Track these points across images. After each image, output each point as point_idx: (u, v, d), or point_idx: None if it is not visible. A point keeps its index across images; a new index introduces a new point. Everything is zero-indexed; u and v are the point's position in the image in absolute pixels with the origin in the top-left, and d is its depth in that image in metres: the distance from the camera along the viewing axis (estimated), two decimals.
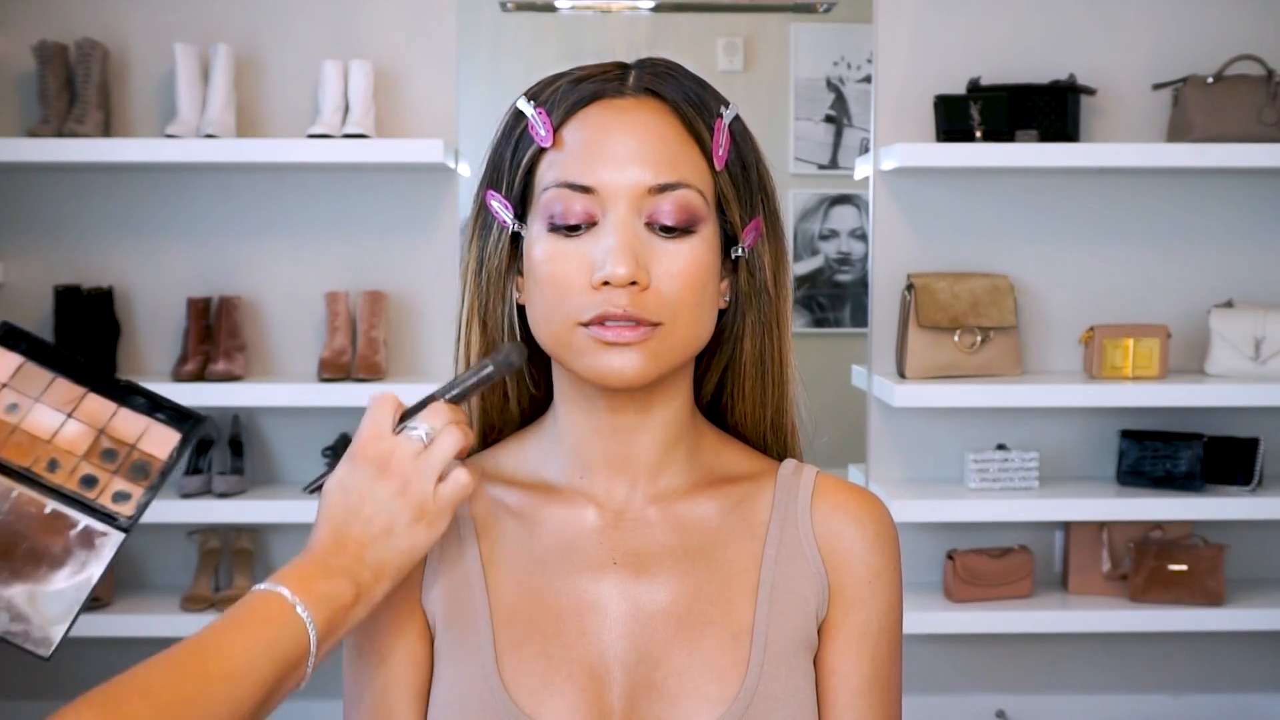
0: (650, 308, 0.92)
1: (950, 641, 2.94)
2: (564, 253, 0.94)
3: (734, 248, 0.98)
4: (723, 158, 0.96)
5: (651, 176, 0.93)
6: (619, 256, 0.91)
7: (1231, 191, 2.86)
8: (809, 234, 3.18)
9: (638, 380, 0.93)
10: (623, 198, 0.92)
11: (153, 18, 2.79)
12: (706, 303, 0.96)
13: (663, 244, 0.93)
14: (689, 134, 0.95)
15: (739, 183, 0.97)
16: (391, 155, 2.64)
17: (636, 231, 0.93)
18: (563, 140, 0.95)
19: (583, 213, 0.93)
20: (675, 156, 0.94)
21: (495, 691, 0.95)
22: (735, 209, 0.97)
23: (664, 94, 0.96)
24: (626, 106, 0.95)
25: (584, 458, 1.00)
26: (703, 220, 0.94)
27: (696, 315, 0.95)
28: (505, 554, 1.00)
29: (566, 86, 0.97)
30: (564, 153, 0.95)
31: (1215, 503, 2.69)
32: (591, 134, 0.94)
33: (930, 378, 2.70)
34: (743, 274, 0.99)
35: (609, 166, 0.93)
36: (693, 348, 0.96)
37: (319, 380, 2.72)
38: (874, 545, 1.01)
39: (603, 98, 0.96)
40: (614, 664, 0.96)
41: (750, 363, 1.01)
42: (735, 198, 0.97)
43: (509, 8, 3.17)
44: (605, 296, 0.91)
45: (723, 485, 1.02)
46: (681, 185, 0.93)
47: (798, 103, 3.16)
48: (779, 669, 0.96)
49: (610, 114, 0.95)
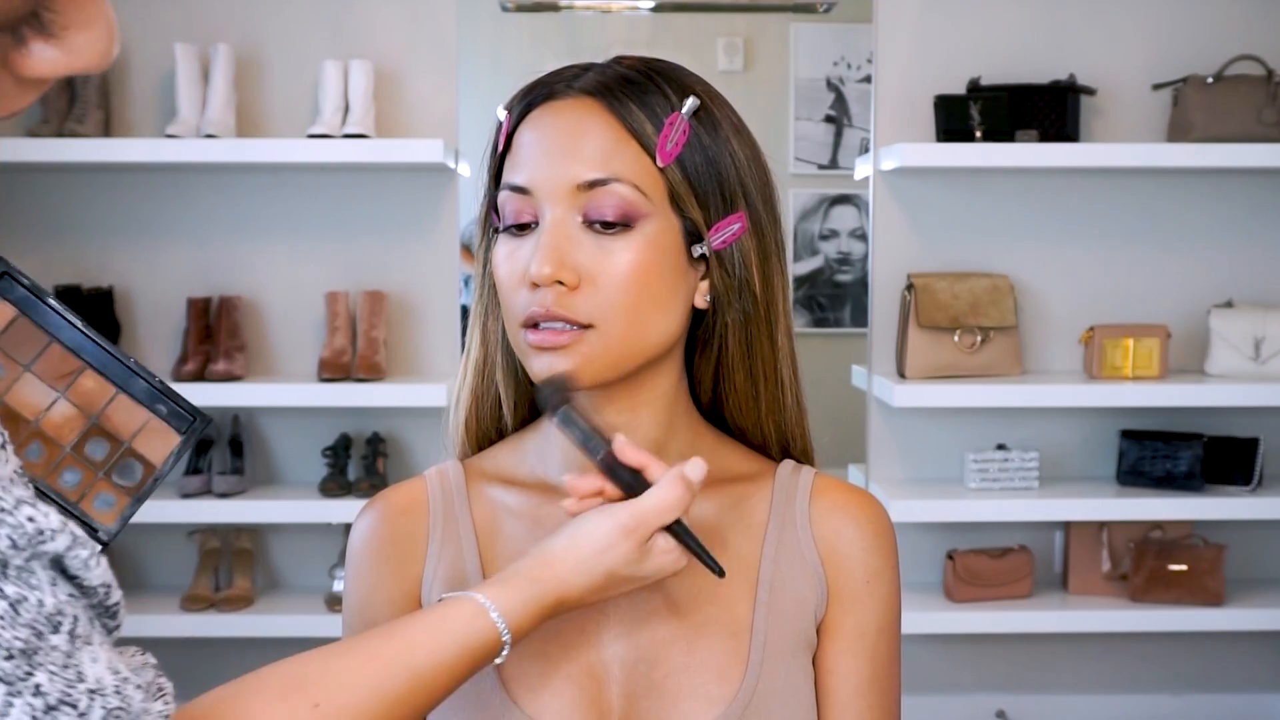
0: (580, 309, 0.91)
1: (950, 641, 2.94)
2: (511, 253, 0.94)
3: (696, 245, 0.96)
4: (671, 153, 0.94)
5: (582, 172, 0.92)
6: (542, 255, 0.91)
7: (1231, 191, 2.86)
8: (809, 234, 3.18)
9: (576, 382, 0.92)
10: (554, 196, 0.92)
11: (153, 18, 2.79)
12: (651, 303, 0.93)
13: (601, 241, 0.92)
14: (626, 130, 0.93)
15: (696, 178, 0.95)
16: (391, 155, 2.64)
17: (569, 231, 0.92)
18: (515, 143, 0.96)
19: (523, 213, 0.94)
20: (607, 153, 0.92)
21: (494, 691, 0.95)
22: (692, 205, 0.95)
23: (601, 91, 0.94)
24: (564, 106, 0.95)
25: (576, 458, 1.00)
26: (643, 216, 0.93)
27: (637, 315, 0.93)
28: (505, 554, 1.00)
29: (524, 90, 0.98)
30: (513, 155, 0.96)
31: (1215, 503, 2.69)
32: (532, 135, 0.95)
33: (930, 378, 2.70)
34: (717, 272, 0.97)
35: (541, 166, 0.93)
36: (637, 350, 0.94)
37: (319, 380, 2.72)
38: (873, 545, 1.01)
39: (551, 99, 0.96)
40: (613, 663, 0.96)
41: (738, 360, 1.00)
42: (690, 193, 0.94)
43: (509, 8, 3.17)
44: (535, 297, 0.91)
45: (721, 485, 1.02)
46: (613, 180, 0.92)
47: (798, 103, 3.16)
48: (778, 668, 0.96)
49: (549, 115, 0.95)
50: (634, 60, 0.98)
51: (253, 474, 2.85)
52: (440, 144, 2.62)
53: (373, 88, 2.72)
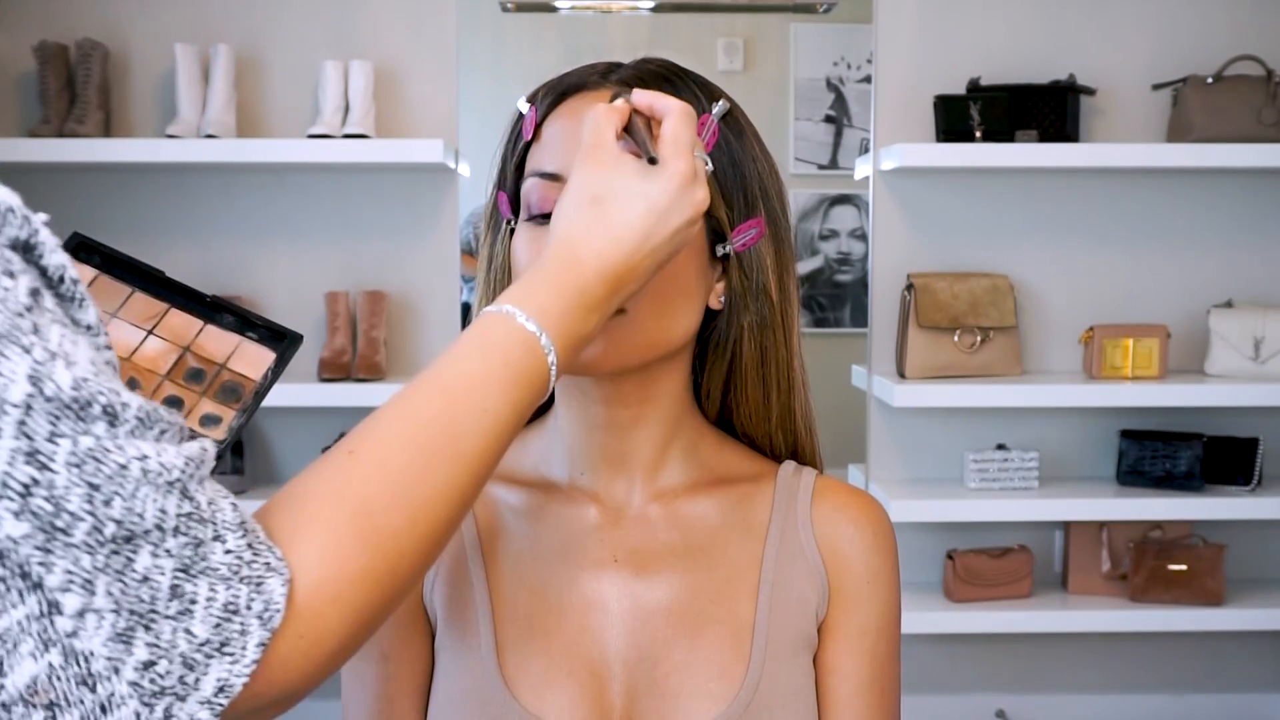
0: None
1: (950, 641, 2.94)
2: (533, 240, 0.94)
3: (719, 245, 0.97)
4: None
5: None
6: None
7: (1231, 191, 2.86)
8: (809, 234, 3.18)
9: (598, 365, 0.93)
10: None
11: (153, 18, 2.79)
12: (677, 295, 0.94)
13: None
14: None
15: (722, 178, 0.96)
16: (392, 155, 2.64)
17: None
18: (542, 133, 0.96)
19: (549, 200, 0.93)
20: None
21: (497, 689, 0.95)
22: (719, 204, 0.96)
23: (636, 84, 0.95)
24: (598, 98, 0.95)
25: (582, 454, 1.01)
26: None
27: (663, 306, 0.93)
28: (506, 551, 1.00)
29: (553, 82, 0.98)
30: (542, 144, 0.96)
31: (1215, 503, 2.69)
32: (566, 124, 0.95)
33: (930, 378, 2.70)
34: (735, 274, 0.98)
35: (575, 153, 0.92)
36: (662, 340, 0.95)
37: (319, 380, 2.72)
38: (873, 546, 1.02)
39: (582, 90, 0.96)
40: (615, 661, 0.96)
41: (751, 366, 1.00)
42: (716, 192, 0.95)
43: (509, 8, 3.17)
44: None
45: (723, 485, 1.02)
46: None
47: (798, 103, 3.16)
48: (779, 667, 0.96)
49: (583, 104, 0.95)
50: (661, 61, 0.99)
51: (253, 474, 2.85)
52: (440, 144, 2.62)
53: (373, 88, 2.72)
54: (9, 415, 0.58)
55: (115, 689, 0.62)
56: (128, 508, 0.60)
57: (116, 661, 0.61)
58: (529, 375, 0.78)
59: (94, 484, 0.60)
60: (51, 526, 0.59)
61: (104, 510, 0.60)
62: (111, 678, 0.61)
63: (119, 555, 0.61)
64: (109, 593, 0.60)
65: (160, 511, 0.62)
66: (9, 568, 0.59)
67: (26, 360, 0.59)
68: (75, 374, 0.60)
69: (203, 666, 0.63)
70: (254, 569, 0.65)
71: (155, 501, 0.62)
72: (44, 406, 0.59)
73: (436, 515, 0.73)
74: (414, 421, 0.75)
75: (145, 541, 0.61)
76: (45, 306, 0.62)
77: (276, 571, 0.66)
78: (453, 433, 0.75)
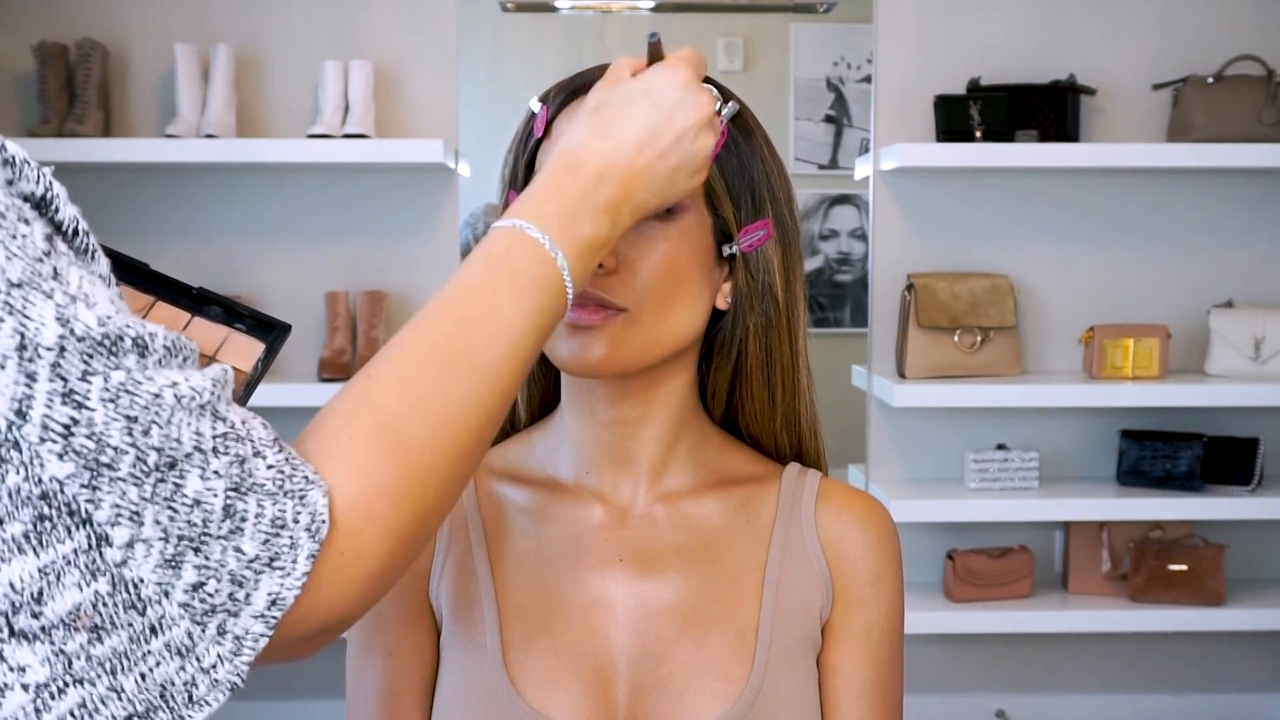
0: (616, 291, 0.92)
1: (950, 641, 2.94)
2: None
3: (725, 244, 0.97)
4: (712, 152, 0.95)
5: None
6: None
7: (1231, 191, 2.86)
8: (809, 234, 3.18)
9: (603, 366, 0.93)
10: None
11: (153, 18, 2.79)
12: (683, 294, 0.94)
13: (641, 228, 0.92)
14: None
15: (731, 178, 0.96)
16: (391, 155, 2.64)
17: None
18: (553, 131, 0.97)
19: None
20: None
21: (502, 686, 0.95)
22: (726, 204, 0.96)
23: None
24: None
25: (588, 454, 1.01)
26: (683, 208, 0.94)
27: (668, 305, 0.93)
28: (512, 549, 1.00)
29: (564, 82, 0.99)
30: (553, 142, 0.96)
31: (1215, 503, 2.69)
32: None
33: (930, 378, 2.70)
34: (742, 275, 0.98)
35: None
36: (667, 339, 0.95)
37: (319, 380, 2.72)
38: (877, 548, 1.02)
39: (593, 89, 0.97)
40: (620, 660, 0.97)
41: (756, 367, 1.01)
42: (725, 192, 0.96)
43: (509, 8, 3.17)
44: None
45: (728, 486, 1.03)
46: None
47: (798, 103, 3.16)
48: (783, 667, 0.97)
49: None
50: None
51: None
52: (440, 144, 2.61)
53: (373, 88, 2.72)
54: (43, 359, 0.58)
55: (166, 611, 0.62)
56: (165, 434, 0.61)
57: (166, 586, 0.62)
58: (540, 281, 0.77)
59: (131, 416, 0.60)
60: (96, 463, 0.59)
61: (144, 440, 0.60)
62: (161, 601, 0.62)
63: (165, 483, 0.61)
64: (157, 521, 0.61)
65: (196, 434, 0.62)
66: (55, 506, 0.60)
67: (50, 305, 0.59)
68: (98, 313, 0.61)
69: (252, 582, 0.63)
70: (295, 483, 0.66)
71: (190, 425, 0.62)
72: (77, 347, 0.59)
73: (459, 429, 0.73)
74: (427, 341, 0.75)
75: (190, 465, 0.62)
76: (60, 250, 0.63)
77: (316, 484, 0.67)
78: (466, 346, 0.74)
